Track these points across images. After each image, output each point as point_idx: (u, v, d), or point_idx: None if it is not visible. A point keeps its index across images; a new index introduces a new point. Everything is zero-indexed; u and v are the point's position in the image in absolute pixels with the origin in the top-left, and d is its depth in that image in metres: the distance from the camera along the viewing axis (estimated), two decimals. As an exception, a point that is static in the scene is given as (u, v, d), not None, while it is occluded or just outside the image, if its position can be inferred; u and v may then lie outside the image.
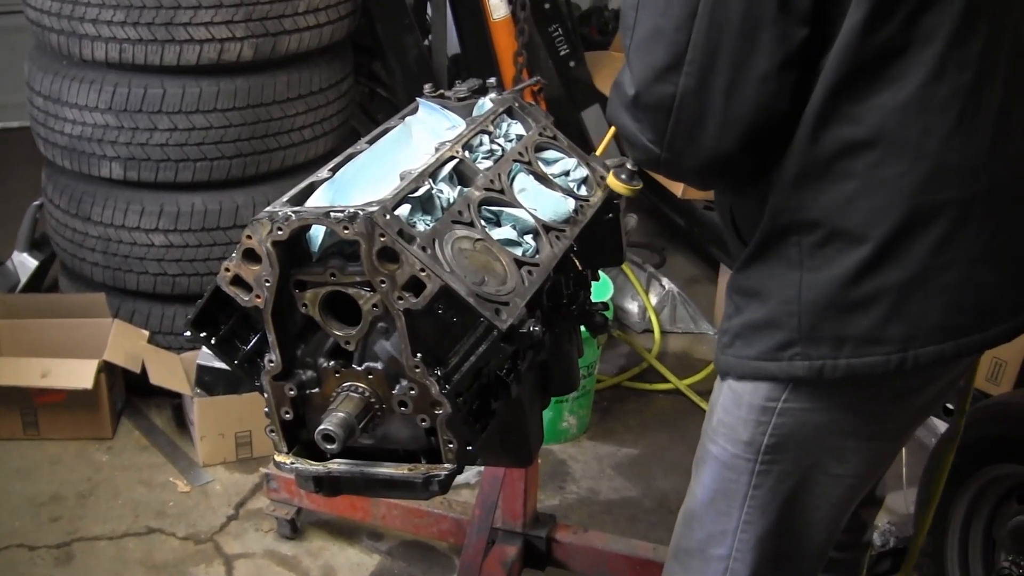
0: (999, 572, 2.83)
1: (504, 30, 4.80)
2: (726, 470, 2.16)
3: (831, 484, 2.14)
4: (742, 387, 2.09)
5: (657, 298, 4.99)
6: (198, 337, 2.13)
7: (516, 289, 2.02)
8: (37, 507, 3.79)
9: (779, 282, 1.97)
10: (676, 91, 1.80)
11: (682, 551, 2.30)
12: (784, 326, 1.97)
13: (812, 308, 1.94)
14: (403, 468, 2.05)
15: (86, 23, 3.89)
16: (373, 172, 2.21)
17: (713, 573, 2.22)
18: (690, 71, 1.79)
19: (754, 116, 1.82)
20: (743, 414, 2.09)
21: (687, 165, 1.92)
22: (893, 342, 1.92)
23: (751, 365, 2.04)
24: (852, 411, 2.06)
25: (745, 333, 2.04)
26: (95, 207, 4.14)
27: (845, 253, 1.89)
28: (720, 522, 2.19)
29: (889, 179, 1.84)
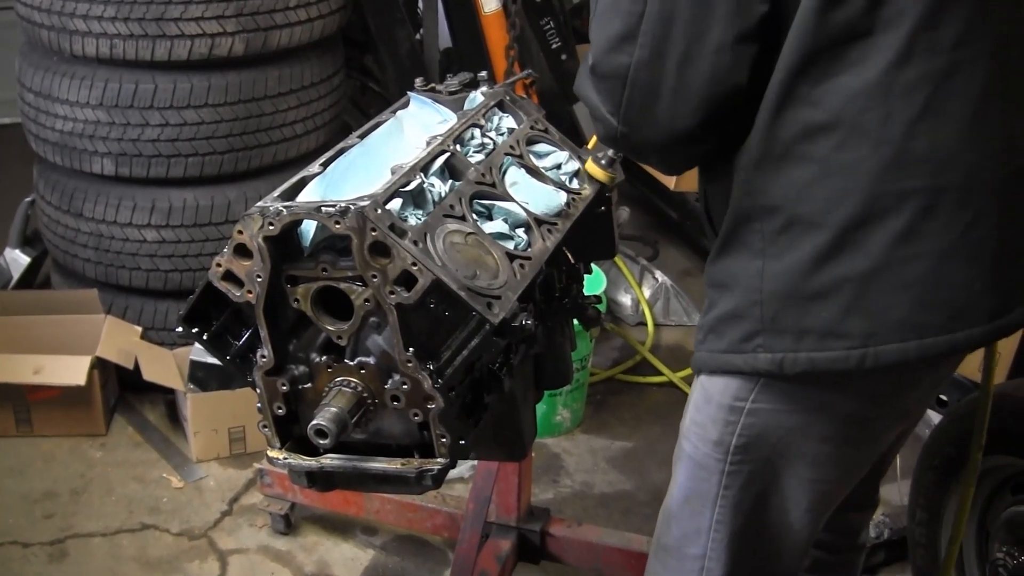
0: (993, 563, 2.83)
1: (495, 24, 4.79)
2: (698, 469, 2.15)
3: (803, 487, 2.12)
4: (712, 385, 2.08)
5: (650, 291, 4.99)
6: (190, 333, 2.14)
7: (508, 283, 2.02)
8: (30, 504, 3.79)
9: (743, 271, 1.95)
10: (631, 61, 1.81)
11: (661, 548, 2.30)
12: (748, 316, 1.94)
13: (773, 297, 1.91)
14: (396, 463, 2.05)
15: (76, 19, 3.88)
16: (364, 166, 2.21)
17: (689, 572, 2.21)
18: (644, 41, 1.79)
19: (709, 89, 1.80)
20: (712, 413, 2.08)
21: (644, 139, 1.90)
22: (853, 336, 1.87)
23: (720, 359, 2.02)
24: (822, 415, 2.03)
25: (716, 326, 2.01)
26: (87, 203, 4.13)
27: (803, 240, 1.86)
28: (694, 521, 2.18)
29: (848, 164, 1.81)
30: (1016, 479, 2.85)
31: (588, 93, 1.92)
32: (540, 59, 5.08)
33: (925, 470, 3.01)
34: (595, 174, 2.45)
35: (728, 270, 1.98)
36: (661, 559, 2.29)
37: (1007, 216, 1.89)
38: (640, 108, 1.85)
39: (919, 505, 3.04)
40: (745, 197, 1.91)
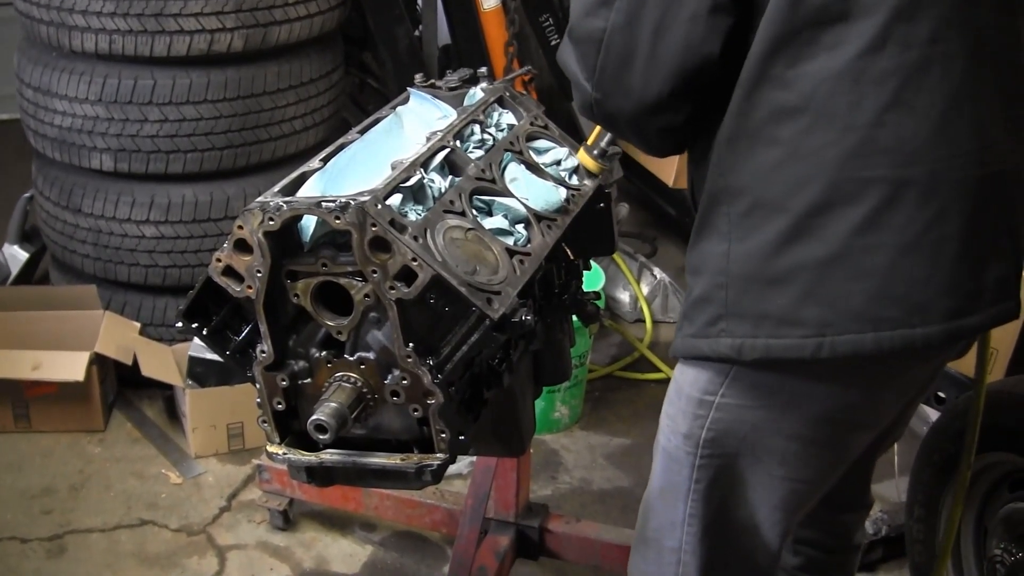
0: (991, 559, 2.84)
1: (495, 20, 4.79)
2: (670, 461, 2.16)
3: (774, 485, 2.12)
4: (683, 377, 2.09)
5: (649, 288, 4.99)
6: (190, 328, 2.14)
7: (508, 278, 2.02)
8: (29, 500, 3.79)
9: (711, 255, 1.95)
10: (606, 25, 1.83)
11: (642, 540, 2.30)
12: (714, 300, 1.95)
13: (737, 281, 1.91)
14: (395, 458, 2.06)
15: (75, 14, 3.87)
16: (364, 162, 2.21)
17: (667, 564, 2.22)
18: (620, 6, 1.81)
19: (681, 57, 1.80)
20: (683, 406, 2.10)
21: (617, 107, 1.91)
22: (809, 324, 1.87)
23: (688, 343, 2.02)
24: (790, 412, 2.03)
25: (688, 312, 2.02)
26: (86, 199, 4.13)
27: (766, 223, 1.86)
28: (669, 513, 2.19)
29: (814, 149, 1.80)
30: (1014, 476, 2.85)
31: (567, 59, 1.95)
32: (539, 55, 5.08)
33: (923, 467, 3.01)
34: (586, 164, 2.45)
35: (701, 254, 1.99)
36: (641, 551, 2.30)
37: (976, 218, 1.86)
38: (613, 74, 1.87)
39: (917, 502, 3.05)
40: (717, 178, 1.92)
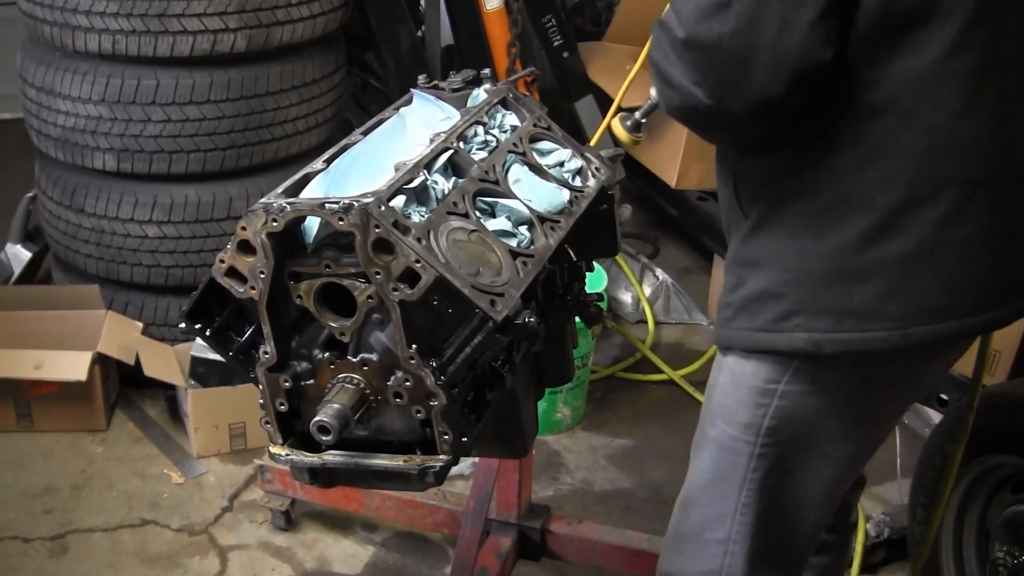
0: (993, 562, 2.84)
1: (497, 21, 4.79)
2: (725, 452, 2.17)
3: (826, 465, 2.17)
4: (742, 369, 2.10)
5: (651, 289, 4.99)
6: (193, 329, 2.14)
7: (511, 280, 2.02)
8: (31, 499, 3.79)
9: (782, 251, 1.98)
10: (725, 31, 1.76)
11: (678, 536, 2.31)
12: (786, 296, 1.98)
13: (814, 278, 1.95)
14: (398, 459, 2.06)
15: (79, 14, 3.88)
16: (368, 163, 2.21)
17: (711, 556, 2.23)
18: (740, 11, 1.75)
19: (801, 61, 1.78)
20: (743, 396, 2.11)
21: (729, 110, 1.86)
22: (893, 318, 1.93)
23: (753, 337, 2.05)
24: (851, 394, 2.08)
25: (748, 305, 2.04)
26: (88, 199, 4.13)
27: (849, 221, 1.90)
28: (718, 505, 2.21)
29: (900, 148, 1.85)
30: (1016, 478, 2.85)
31: (669, 63, 1.86)
32: (542, 56, 5.09)
33: (925, 469, 3.01)
34: (620, 135, 2.45)
35: (763, 249, 2.00)
36: (679, 547, 2.31)
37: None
38: (731, 79, 1.81)
39: (919, 504, 3.04)
40: (789, 177, 1.94)
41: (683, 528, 2.30)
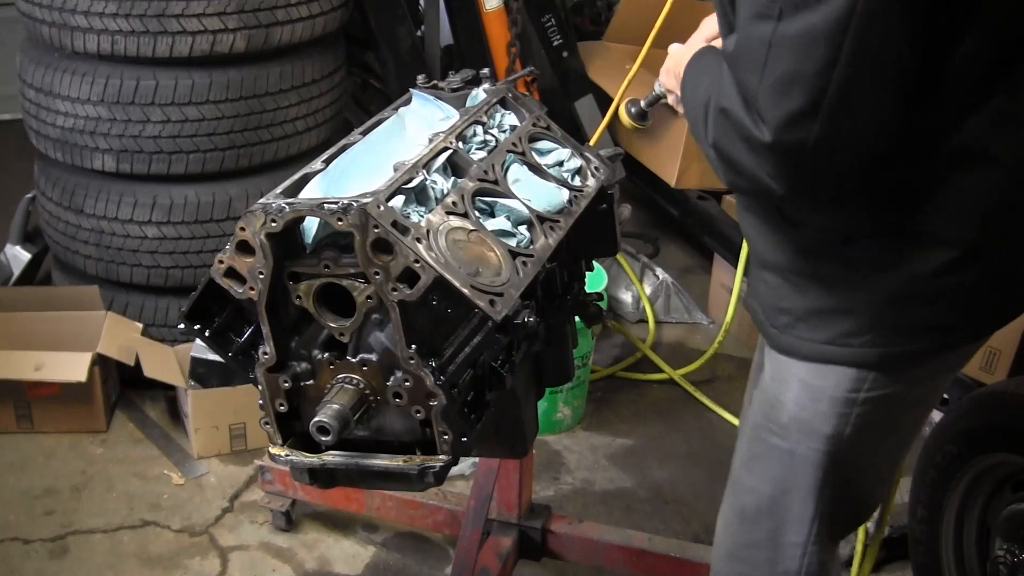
0: (993, 560, 2.83)
1: (497, 20, 4.79)
2: (802, 463, 2.17)
3: (893, 454, 2.29)
4: (821, 381, 2.09)
5: (651, 288, 4.99)
6: (192, 330, 2.14)
7: (511, 280, 2.02)
8: (31, 500, 3.79)
9: (849, 274, 1.99)
10: (810, 136, 1.71)
11: (744, 547, 2.32)
12: (857, 315, 2.00)
13: (889, 301, 1.97)
14: (398, 460, 2.06)
15: (78, 15, 3.88)
16: (367, 163, 2.21)
17: (790, 559, 2.26)
18: (825, 117, 1.69)
19: (873, 154, 1.78)
20: (824, 408, 2.10)
21: (803, 201, 1.91)
22: (964, 328, 2.04)
23: (819, 349, 2.06)
24: (921, 387, 2.15)
25: (809, 318, 2.05)
26: (88, 199, 4.13)
27: (928, 253, 1.92)
28: (795, 512, 2.22)
29: (982, 187, 1.87)
30: (1016, 477, 2.85)
31: (742, 155, 1.81)
32: (541, 56, 5.09)
33: (926, 468, 3.01)
34: (624, 120, 2.46)
35: (829, 267, 2.01)
36: (746, 558, 2.33)
37: None
38: (811, 176, 1.79)
39: (920, 502, 3.05)
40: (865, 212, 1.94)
41: (749, 538, 2.31)
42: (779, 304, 2.11)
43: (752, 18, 1.70)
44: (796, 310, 2.07)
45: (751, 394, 2.62)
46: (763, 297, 2.16)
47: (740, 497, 2.31)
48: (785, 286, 2.09)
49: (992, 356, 3.75)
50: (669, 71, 2.31)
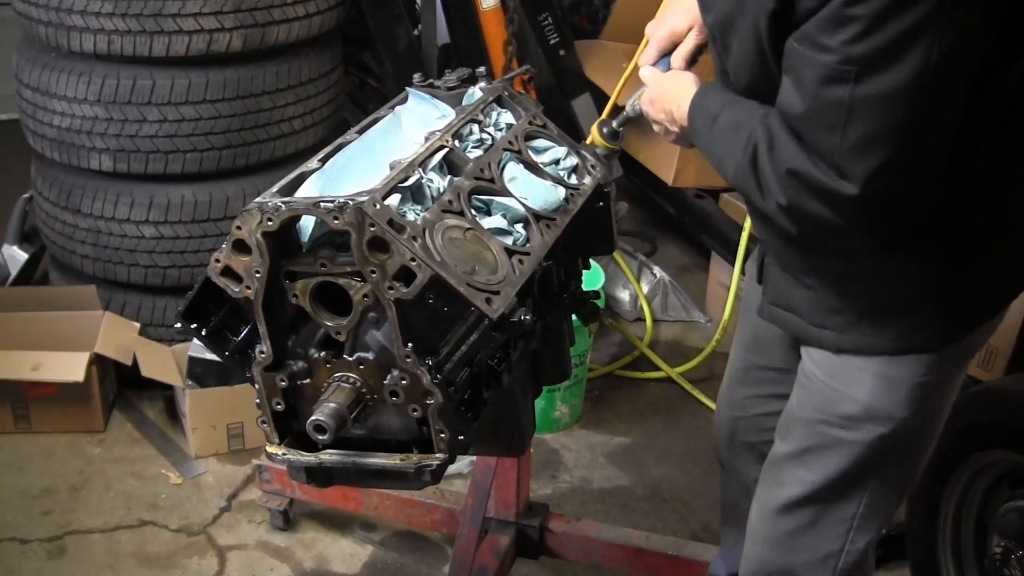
0: (991, 557, 2.84)
1: (494, 19, 4.80)
2: (868, 450, 2.25)
3: (937, 431, 2.37)
4: (896, 371, 2.18)
5: (648, 287, 4.99)
6: (189, 329, 2.14)
7: (507, 278, 2.02)
8: (29, 500, 3.79)
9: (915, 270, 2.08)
10: (895, 182, 1.83)
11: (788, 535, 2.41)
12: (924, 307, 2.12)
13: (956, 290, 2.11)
14: (395, 458, 2.06)
15: (74, 15, 3.87)
16: (363, 162, 2.21)
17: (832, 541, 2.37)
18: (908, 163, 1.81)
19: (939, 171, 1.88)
20: (902, 396, 2.19)
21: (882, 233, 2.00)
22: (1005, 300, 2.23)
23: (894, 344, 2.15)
24: (972, 356, 2.33)
25: (875, 315, 2.15)
26: (85, 199, 4.12)
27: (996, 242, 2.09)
28: (845, 497, 2.33)
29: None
30: (1014, 474, 2.85)
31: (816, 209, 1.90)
32: (538, 55, 5.09)
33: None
34: (596, 141, 2.47)
35: (891, 266, 2.08)
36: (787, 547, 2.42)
37: None
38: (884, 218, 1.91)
39: (916, 500, 3.05)
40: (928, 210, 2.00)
41: (796, 524, 2.39)
42: (831, 305, 2.17)
43: (823, 82, 1.76)
44: (856, 309, 2.14)
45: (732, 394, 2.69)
46: (802, 302, 2.22)
47: (786, 488, 2.37)
48: (834, 288, 2.16)
49: (989, 353, 3.75)
50: (654, 102, 2.33)
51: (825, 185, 1.83)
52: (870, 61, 1.72)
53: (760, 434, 2.69)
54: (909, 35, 1.69)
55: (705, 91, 2.17)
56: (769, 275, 2.34)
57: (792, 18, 1.81)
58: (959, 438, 2.89)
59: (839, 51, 1.73)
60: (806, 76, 1.79)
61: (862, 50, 1.71)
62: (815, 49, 1.76)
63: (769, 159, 1.90)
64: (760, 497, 2.47)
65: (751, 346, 2.65)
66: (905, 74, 1.71)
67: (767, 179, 1.92)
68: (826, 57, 1.75)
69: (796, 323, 2.25)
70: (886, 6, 1.68)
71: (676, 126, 2.26)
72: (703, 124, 2.11)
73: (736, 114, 2.03)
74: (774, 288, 2.31)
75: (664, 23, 2.37)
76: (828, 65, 1.75)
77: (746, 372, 2.68)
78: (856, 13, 1.70)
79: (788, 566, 2.43)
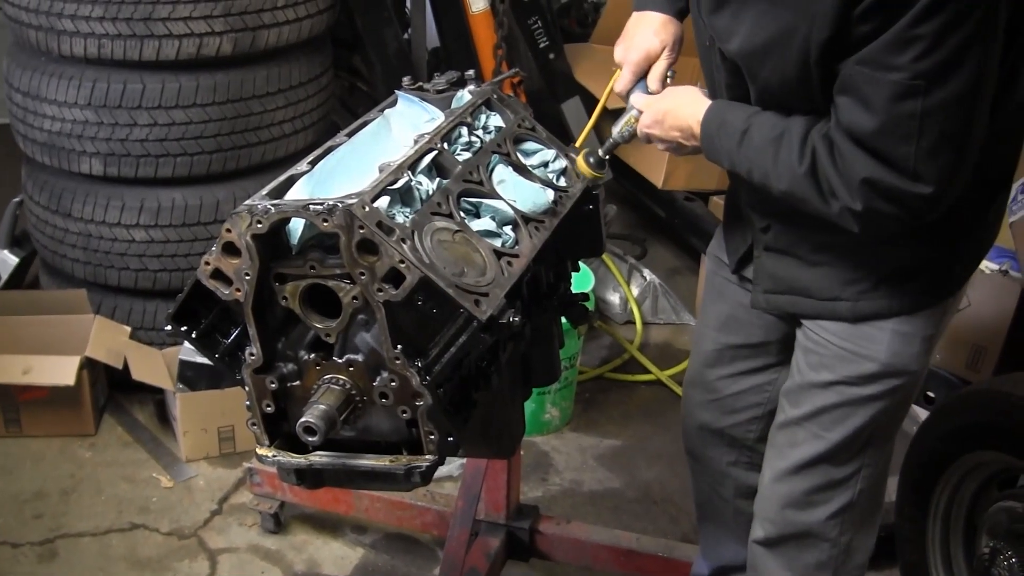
0: (980, 558, 2.84)
1: (483, 23, 4.80)
2: (882, 402, 2.42)
3: None
4: (911, 327, 2.35)
5: (639, 289, 5.00)
6: (179, 331, 2.14)
7: (496, 280, 2.03)
8: (20, 504, 3.79)
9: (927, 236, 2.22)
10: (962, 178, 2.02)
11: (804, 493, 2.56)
12: (938, 269, 2.33)
13: (968, 248, 2.37)
14: (385, 460, 2.07)
15: (64, 19, 3.88)
16: (352, 165, 2.22)
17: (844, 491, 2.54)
18: (968, 162, 2.00)
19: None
20: (916, 348, 2.37)
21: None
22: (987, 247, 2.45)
23: (911, 302, 2.33)
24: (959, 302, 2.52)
25: (892, 278, 2.31)
26: (75, 203, 4.13)
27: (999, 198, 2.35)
28: (856, 447, 2.49)
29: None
30: (1003, 474, 2.86)
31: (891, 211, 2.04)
32: (528, 58, 5.10)
33: (912, 466, 3.02)
34: (583, 171, 2.47)
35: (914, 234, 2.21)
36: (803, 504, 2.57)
37: None
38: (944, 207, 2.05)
39: (907, 501, 3.06)
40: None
41: (812, 484, 2.53)
42: (846, 276, 2.33)
43: (896, 99, 1.91)
44: (873, 276, 2.31)
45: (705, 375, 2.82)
46: (812, 281, 2.37)
47: (801, 448, 2.51)
48: (848, 261, 2.31)
49: (978, 354, 3.76)
50: (661, 122, 2.39)
51: (902, 190, 1.98)
52: (937, 74, 1.88)
53: (731, 415, 2.79)
54: (965, 46, 1.86)
55: (718, 106, 2.27)
56: (763, 266, 2.46)
57: (846, 43, 1.93)
58: (948, 439, 2.90)
59: (908, 68, 1.88)
60: (875, 95, 1.93)
61: (929, 65, 1.87)
62: (883, 69, 1.90)
63: (835, 170, 2.03)
64: (772, 462, 2.60)
65: (725, 327, 2.73)
66: (965, 81, 1.89)
67: (834, 187, 2.04)
68: (895, 76, 1.89)
69: (804, 303, 2.41)
70: (946, 23, 1.84)
71: (694, 140, 2.32)
72: (729, 138, 2.21)
73: (768, 128, 2.14)
74: (771, 277, 2.44)
75: (636, 47, 2.46)
76: (899, 83, 1.89)
77: (719, 353, 2.76)
78: (921, 32, 1.85)
79: (806, 524, 2.57)
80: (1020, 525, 2.74)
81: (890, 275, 2.30)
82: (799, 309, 2.43)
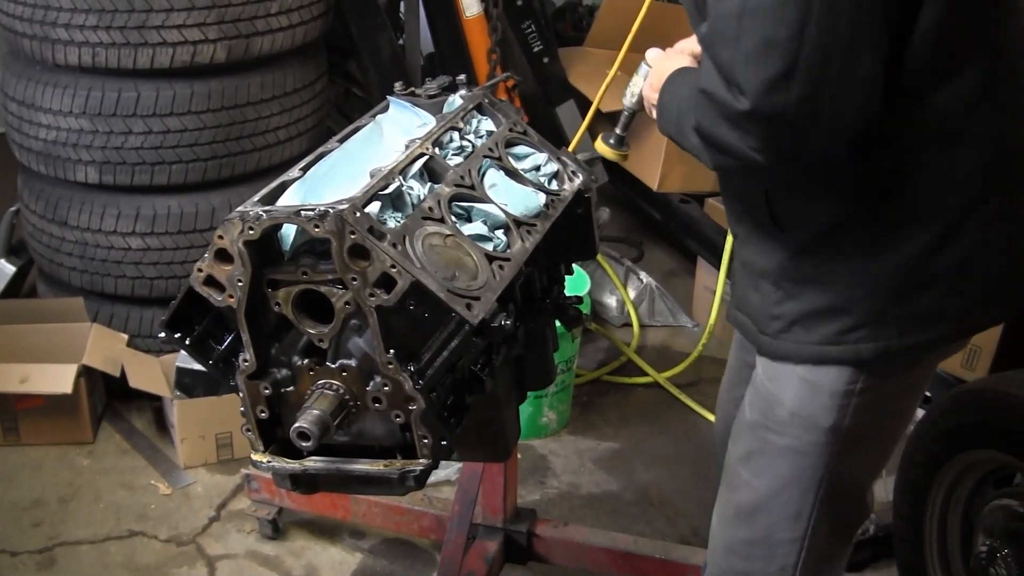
0: (977, 556, 2.85)
1: (477, 27, 4.81)
2: (802, 458, 2.23)
3: (887, 445, 2.35)
4: (819, 377, 2.15)
5: (635, 292, 5.01)
6: (172, 338, 2.15)
7: (487, 284, 2.03)
8: (19, 512, 3.79)
9: (842, 268, 2.04)
10: (790, 99, 1.73)
11: (741, 542, 2.37)
12: (851, 311, 2.06)
13: (880, 291, 2.04)
14: (379, 464, 2.07)
15: (58, 28, 3.88)
16: (344, 170, 2.22)
17: (785, 556, 2.32)
18: (805, 78, 1.72)
19: (859, 117, 1.81)
20: (823, 401, 2.16)
21: (788, 170, 1.97)
22: (952, 317, 2.09)
23: (814, 350, 2.12)
24: (919, 375, 2.26)
25: (804, 320, 2.11)
26: (71, 212, 4.13)
27: (914, 236, 1.99)
28: (793, 507, 2.28)
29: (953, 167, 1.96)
30: (998, 473, 2.87)
31: (723, 132, 1.84)
32: (523, 62, 5.10)
33: (909, 466, 3.03)
34: (605, 154, 2.49)
35: (820, 267, 2.06)
36: (743, 553, 2.37)
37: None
38: (791, 144, 1.82)
39: (904, 500, 3.06)
40: (843, 202, 2.00)
41: (747, 534, 2.35)
42: (772, 312, 2.16)
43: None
44: (790, 314, 2.13)
45: (731, 392, 2.66)
46: (754, 307, 2.22)
47: (737, 492, 2.35)
48: (778, 293, 2.14)
49: (973, 353, 3.77)
50: (653, 86, 2.29)
51: (728, 104, 1.78)
52: None
53: None
54: None
55: (682, 69, 2.17)
56: (736, 279, 2.36)
57: None
58: (944, 438, 2.90)
59: None
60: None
61: None
62: None
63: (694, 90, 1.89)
64: (718, 501, 2.46)
65: (742, 343, 2.66)
66: None
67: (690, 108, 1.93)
68: None
69: (749, 327, 2.27)
70: None
71: None
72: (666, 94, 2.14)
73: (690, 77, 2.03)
74: (737, 291, 2.34)
75: None
76: None
77: (739, 371, 2.68)
78: None
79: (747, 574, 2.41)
80: (1016, 523, 2.75)
81: (807, 314, 2.11)
82: (745, 332, 2.29)
